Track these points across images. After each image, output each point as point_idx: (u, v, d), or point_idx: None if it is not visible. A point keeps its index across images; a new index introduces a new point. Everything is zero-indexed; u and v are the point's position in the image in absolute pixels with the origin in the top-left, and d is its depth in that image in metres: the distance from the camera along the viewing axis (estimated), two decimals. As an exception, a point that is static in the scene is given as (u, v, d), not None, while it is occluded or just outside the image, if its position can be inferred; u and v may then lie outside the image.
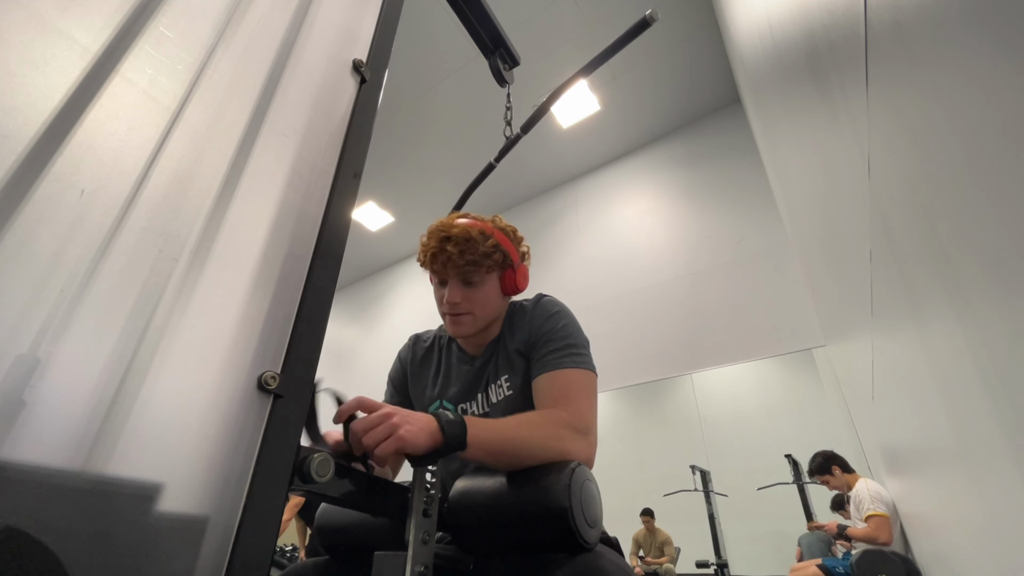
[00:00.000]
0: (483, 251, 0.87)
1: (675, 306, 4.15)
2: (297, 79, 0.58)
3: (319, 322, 0.50)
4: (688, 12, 3.82)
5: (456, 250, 0.86)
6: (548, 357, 0.85)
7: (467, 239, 0.86)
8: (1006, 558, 0.80)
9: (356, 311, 6.92)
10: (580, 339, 0.88)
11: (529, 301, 0.97)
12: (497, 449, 0.68)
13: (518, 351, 0.91)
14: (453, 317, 0.91)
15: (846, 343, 2.27)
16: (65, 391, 0.33)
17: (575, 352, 0.85)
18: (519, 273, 0.93)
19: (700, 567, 3.63)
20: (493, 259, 0.88)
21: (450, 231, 0.87)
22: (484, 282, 0.89)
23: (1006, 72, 0.41)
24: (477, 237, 0.87)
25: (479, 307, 0.90)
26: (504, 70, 1.36)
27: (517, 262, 0.93)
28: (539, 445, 0.71)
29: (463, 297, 0.89)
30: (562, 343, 0.86)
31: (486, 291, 0.90)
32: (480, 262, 0.87)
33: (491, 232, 0.90)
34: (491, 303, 0.91)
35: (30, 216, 0.34)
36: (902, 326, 1.06)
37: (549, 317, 0.90)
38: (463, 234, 0.87)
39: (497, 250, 0.89)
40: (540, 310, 0.92)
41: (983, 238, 0.53)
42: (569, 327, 0.89)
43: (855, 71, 0.84)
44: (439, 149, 5.04)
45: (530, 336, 0.90)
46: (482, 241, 0.87)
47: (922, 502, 1.67)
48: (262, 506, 0.40)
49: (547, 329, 0.88)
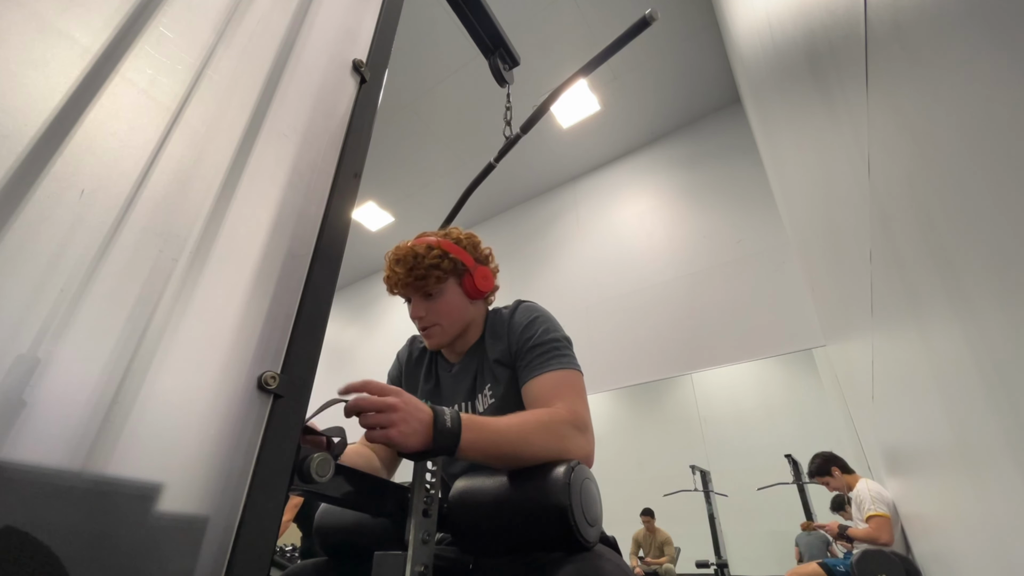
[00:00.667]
0: (429, 263, 0.91)
1: (675, 306, 4.15)
2: (297, 79, 0.58)
3: (319, 322, 0.50)
4: (688, 12, 3.81)
5: (403, 269, 0.91)
6: (534, 362, 0.86)
7: (412, 256, 0.91)
8: (1006, 558, 0.80)
9: (356, 311, 6.92)
10: (562, 340, 0.90)
11: (508, 308, 0.99)
12: (494, 452, 0.68)
13: (498, 361, 0.92)
14: (424, 331, 0.95)
15: (846, 343, 2.27)
16: (65, 391, 0.33)
17: (559, 353, 0.87)
18: (477, 275, 0.96)
19: (700, 567, 3.63)
20: (442, 268, 0.92)
21: (397, 253, 0.93)
22: (443, 292, 0.93)
23: (1006, 72, 0.41)
24: (422, 252, 0.92)
25: (444, 317, 0.94)
26: (504, 70, 1.36)
27: (473, 266, 0.96)
28: (539, 445, 0.70)
29: (426, 310, 0.93)
30: (546, 346, 0.87)
31: (448, 300, 0.94)
32: (428, 274, 0.91)
33: (436, 244, 0.94)
34: (455, 310, 0.94)
35: (30, 216, 0.34)
36: (902, 326, 1.06)
37: (528, 324, 0.92)
38: (408, 253, 0.92)
39: (444, 258, 0.92)
40: (519, 317, 0.94)
41: (983, 238, 0.53)
42: (550, 330, 0.90)
43: (855, 71, 0.84)
44: (439, 149, 5.03)
45: (510, 345, 0.92)
46: (427, 254, 0.92)
47: (922, 502, 1.67)
48: (262, 506, 0.40)
49: (528, 336, 0.90)
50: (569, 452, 0.71)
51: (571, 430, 0.75)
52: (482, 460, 0.68)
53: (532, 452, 0.70)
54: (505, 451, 0.68)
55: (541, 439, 0.71)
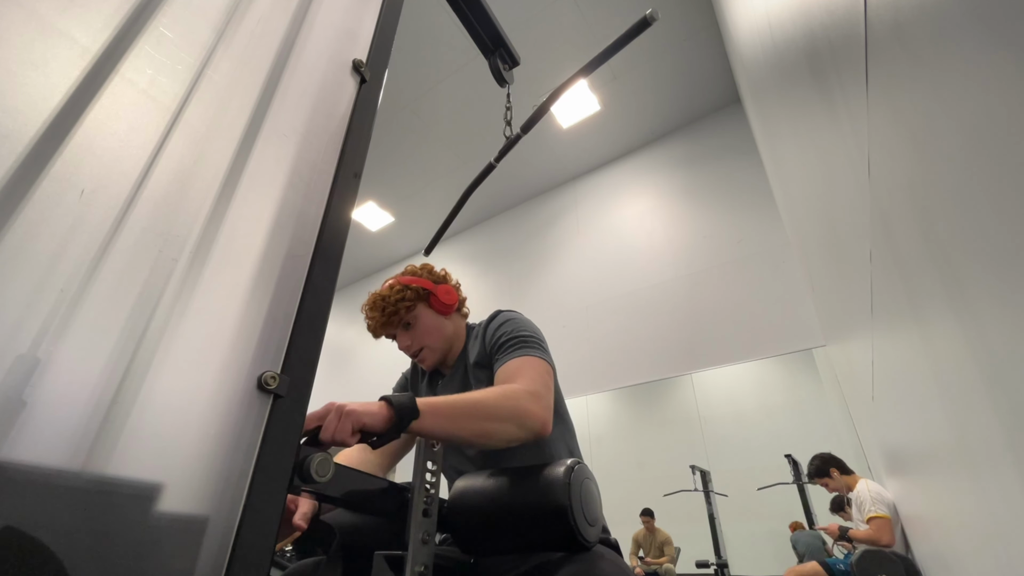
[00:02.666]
0: (394, 300, 1.04)
1: (675, 306, 4.15)
2: (297, 79, 0.58)
3: (319, 322, 0.50)
4: (688, 12, 3.82)
5: (377, 313, 1.05)
6: (503, 352, 0.94)
7: (381, 299, 1.05)
8: (1006, 558, 0.80)
9: (356, 311, 6.86)
10: (532, 336, 0.97)
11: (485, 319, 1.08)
12: (454, 412, 0.70)
13: (478, 364, 1.02)
14: (416, 357, 1.07)
15: (846, 343, 2.27)
16: (65, 391, 0.33)
17: (526, 344, 0.94)
18: (440, 293, 1.09)
19: (700, 567, 3.63)
20: (407, 298, 1.05)
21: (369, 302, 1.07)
22: (418, 318, 1.06)
23: (1006, 72, 0.41)
24: (386, 293, 1.06)
25: (426, 338, 1.06)
26: (504, 70, 1.35)
27: (433, 287, 1.09)
28: (494, 404, 0.74)
29: (410, 339, 1.06)
30: (514, 339, 0.95)
31: (424, 323, 1.06)
32: (397, 308, 1.04)
33: (393, 283, 1.08)
34: (434, 329, 1.07)
35: (30, 216, 0.34)
36: (902, 326, 1.06)
37: (501, 324, 1.01)
38: (376, 299, 1.06)
39: (406, 290, 1.06)
40: (495, 322, 1.04)
41: (983, 238, 0.53)
42: (519, 329, 0.98)
43: (855, 71, 0.84)
44: (439, 149, 5.03)
45: (485, 346, 1.01)
46: (390, 293, 1.05)
47: (922, 502, 1.67)
48: (262, 506, 0.40)
49: (500, 333, 0.98)
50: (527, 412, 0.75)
51: (525, 394, 0.79)
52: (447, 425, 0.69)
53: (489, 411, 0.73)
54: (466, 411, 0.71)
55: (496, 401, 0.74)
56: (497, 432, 0.72)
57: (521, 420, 0.74)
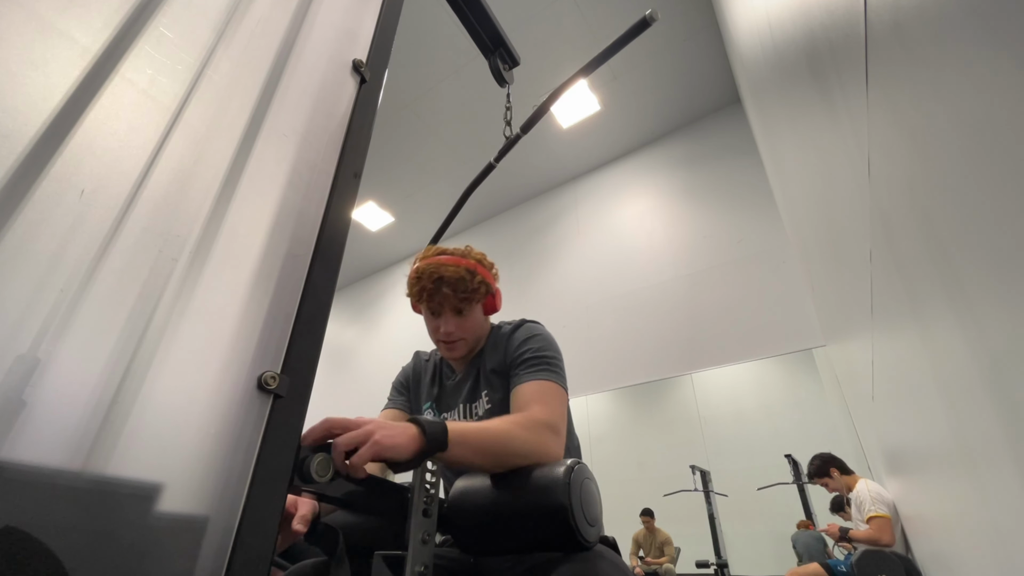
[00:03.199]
0: (472, 287, 0.99)
1: (675, 306, 4.15)
2: (297, 79, 0.58)
3: (319, 322, 0.50)
4: (688, 12, 3.82)
5: (451, 290, 0.98)
6: (524, 371, 0.93)
7: (459, 279, 0.98)
8: (1006, 558, 0.80)
9: (356, 311, 6.92)
10: (555, 358, 0.96)
11: (511, 325, 1.06)
12: (482, 447, 0.68)
13: (495, 371, 1.00)
14: (448, 344, 1.03)
15: (846, 343, 2.27)
16: (65, 391, 0.33)
17: (548, 368, 0.93)
18: (497, 297, 1.07)
19: (700, 567, 3.63)
20: (480, 292, 1.01)
21: (443, 272, 0.98)
22: (472, 311, 1.02)
23: (1006, 72, 0.41)
24: (467, 276, 0.99)
25: (469, 332, 1.03)
26: (504, 70, 1.35)
27: (495, 288, 1.06)
28: (521, 443, 0.73)
29: (456, 326, 1.01)
30: (537, 360, 0.94)
31: (474, 318, 1.03)
32: (471, 297, 1.00)
33: (473, 267, 1.02)
34: (478, 327, 1.04)
35: (30, 216, 0.34)
36: (902, 326, 1.06)
37: (527, 339, 0.99)
38: (455, 275, 0.98)
39: (483, 284, 1.01)
40: (520, 333, 1.02)
41: (983, 238, 0.53)
42: (545, 348, 0.97)
43: (855, 71, 0.84)
44: (439, 149, 5.03)
45: (507, 356, 0.99)
46: (471, 279, 0.99)
47: (922, 502, 1.67)
48: (262, 506, 0.40)
49: (524, 349, 0.97)
50: (549, 454, 0.75)
51: (548, 432, 0.79)
52: (471, 456, 0.67)
53: (515, 448, 0.72)
54: (491, 448, 0.70)
55: (522, 437, 0.74)
56: (514, 465, 0.72)
57: (540, 457, 0.73)
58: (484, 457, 0.69)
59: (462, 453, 0.66)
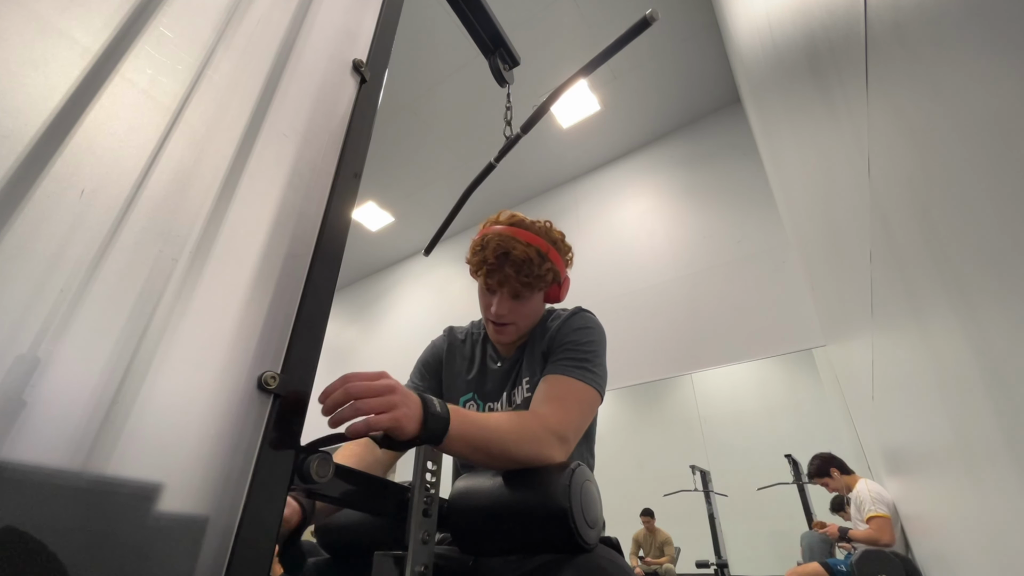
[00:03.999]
0: (538, 274, 0.88)
1: (675, 306, 4.15)
2: (297, 79, 0.58)
3: (319, 322, 0.50)
4: (688, 12, 3.81)
5: (514, 271, 0.87)
6: (560, 362, 0.85)
7: (526, 260, 0.87)
8: (1006, 558, 0.80)
9: (356, 311, 6.92)
10: (599, 360, 0.88)
11: (566, 311, 0.97)
12: (480, 445, 0.66)
13: (542, 354, 0.92)
14: (497, 326, 0.93)
15: (846, 343, 2.27)
16: (65, 391, 0.33)
17: (588, 368, 0.85)
18: (564, 286, 0.96)
19: (700, 567, 3.63)
20: (546, 280, 0.90)
21: (511, 248, 0.87)
22: (532, 297, 0.91)
23: (1006, 72, 0.41)
24: (536, 259, 0.88)
25: (523, 319, 0.92)
26: (504, 70, 1.35)
27: (564, 276, 0.95)
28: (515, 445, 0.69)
29: (509, 310, 0.90)
30: (579, 354, 0.86)
31: (532, 304, 0.92)
32: (534, 284, 0.88)
33: (546, 251, 0.90)
34: (534, 314, 0.94)
35: (30, 216, 0.34)
36: (902, 326, 1.06)
37: (578, 330, 0.91)
38: (523, 256, 0.87)
39: (551, 271, 0.90)
40: (574, 321, 0.93)
41: (983, 238, 0.53)
42: (594, 345, 0.89)
43: (855, 71, 0.84)
44: (439, 149, 5.03)
45: (553, 341, 0.91)
46: (539, 263, 0.88)
47: (922, 502, 1.67)
48: (262, 506, 0.40)
49: (572, 340, 0.89)
50: (547, 459, 0.71)
51: (551, 437, 0.73)
52: (466, 452, 0.66)
53: (507, 453, 0.69)
54: (490, 447, 0.67)
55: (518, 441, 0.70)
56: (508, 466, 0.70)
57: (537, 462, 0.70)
58: (481, 455, 0.68)
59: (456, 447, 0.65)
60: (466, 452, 0.66)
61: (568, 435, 0.77)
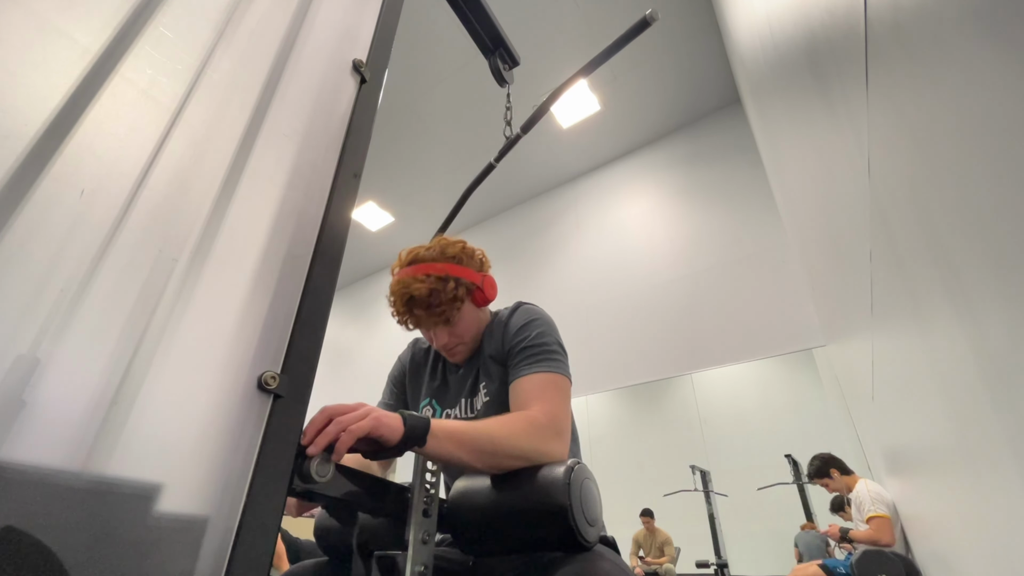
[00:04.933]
0: (449, 298, 0.90)
1: (675, 306, 4.15)
2: (297, 79, 0.58)
3: (319, 322, 0.50)
4: (688, 12, 3.82)
5: (424, 310, 0.90)
6: (524, 362, 0.86)
7: (429, 293, 0.90)
8: (1006, 558, 0.80)
9: (356, 311, 6.92)
10: (555, 345, 0.89)
11: (507, 309, 0.99)
12: (469, 442, 0.66)
13: (492, 358, 0.93)
14: (449, 352, 0.97)
15: (846, 343, 2.27)
16: (65, 391, 0.33)
17: (549, 357, 0.86)
18: (486, 286, 0.97)
19: (700, 567, 3.63)
20: (459, 296, 0.92)
21: (412, 292, 0.90)
22: (462, 314, 0.94)
23: (1006, 72, 0.41)
24: (438, 287, 0.90)
25: (466, 333, 0.95)
26: (504, 70, 1.35)
27: (479, 280, 0.96)
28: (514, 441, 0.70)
29: (449, 335, 0.94)
30: (537, 348, 0.87)
31: (465, 320, 0.94)
32: (449, 308, 0.91)
33: (445, 272, 0.92)
34: (473, 325, 0.96)
35: (30, 216, 0.34)
36: (902, 326, 1.06)
37: (524, 325, 0.92)
38: (424, 292, 0.89)
39: (459, 286, 0.92)
40: (517, 318, 0.95)
41: (983, 238, 0.53)
42: (544, 334, 0.90)
43: (855, 71, 0.84)
44: (439, 149, 5.03)
45: (504, 343, 0.92)
46: (443, 288, 0.90)
47: (922, 502, 1.67)
48: (262, 506, 0.40)
49: (523, 336, 0.90)
50: (548, 454, 0.71)
51: (548, 432, 0.74)
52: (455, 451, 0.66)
53: (509, 450, 0.69)
54: (480, 444, 0.67)
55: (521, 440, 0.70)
56: (511, 466, 0.70)
57: (540, 459, 0.70)
58: (473, 454, 0.67)
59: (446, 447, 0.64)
60: (455, 450, 0.66)
61: (563, 428, 0.78)
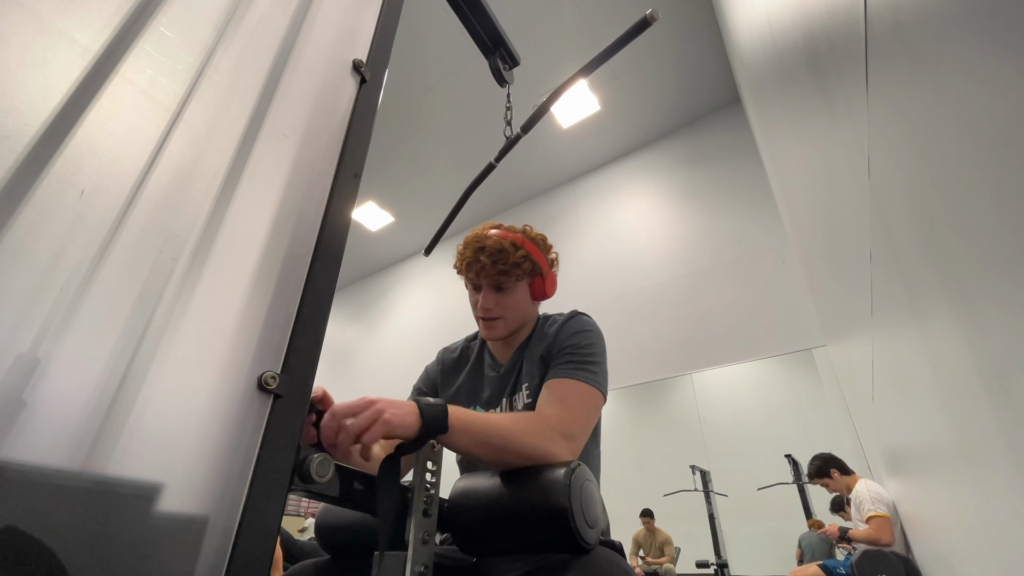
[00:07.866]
0: (513, 261, 0.93)
1: (675, 306, 4.15)
2: (297, 79, 0.58)
3: (319, 322, 0.50)
4: (688, 12, 3.82)
5: (489, 260, 0.93)
6: (562, 366, 0.88)
7: (499, 250, 0.93)
8: (1006, 558, 0.80)
9: (356, 311, 6.92)
10: (599, 359, 0.91)
11: (562, 315, 1.00)
12: (481, 436, 0.67)
13: (541, 358, 0.94)
14: (486, 321, 0.97)
15: (846, 343, 2.27)
16: (65, 391, 0.33)
17: (588, 368, 0.87)
18: (548, 280, 1.01)
19: (700, 567, 3.63)
20: (523, 268, 0.95)
21: (484, 242, 0.94)
22: (515, 289, 0.96)
23: (1006, 72, 0.41)
24: (509, 248, 0.94)
25: (510, 311, 0.97)
26: (504, 70, 1.35)
27: (546, 270, 1.00)
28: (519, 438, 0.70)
29: (495, 303, 0.95)
30: (580, 356, 0.88)
31: (516, 297, 0.97)
32: (510, 271, 0.94)
33: (521, 243, 0.96)
34: (521, 308, 0.98)
35: (30, 216, 0.34)
36: (902, 326, 1.06)
37: (577, 333, 0.93)
38: (496, 245, 0.93)
39: (527, 259, 0.95)
40: (572, 324, 0.96)
41: (983, 238, 0.53)
42: (593, 346, 0.92)
43: (855, 71, 0.84)
44: (439, 149, 5.04)
45: (552, 346, 0.93)
46: (513, 252, 0.94)
47: (922, 502, 1.67)
48: (262, 506, 0.40)
49: (573, 343, 0.91)
50: (552, 455, 0.71)
51: (556, 434, 0.74)
52: (471, 445, 0.67)
53: (515, 447, 0.69)
54: (491, 440, 0.68)
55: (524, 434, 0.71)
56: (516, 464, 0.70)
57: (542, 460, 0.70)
58: (484, 448, 0.68)
59: (463, 440, 0.65)
60: (470, 445, 0.67)
61: (574, 433, 0.78)
